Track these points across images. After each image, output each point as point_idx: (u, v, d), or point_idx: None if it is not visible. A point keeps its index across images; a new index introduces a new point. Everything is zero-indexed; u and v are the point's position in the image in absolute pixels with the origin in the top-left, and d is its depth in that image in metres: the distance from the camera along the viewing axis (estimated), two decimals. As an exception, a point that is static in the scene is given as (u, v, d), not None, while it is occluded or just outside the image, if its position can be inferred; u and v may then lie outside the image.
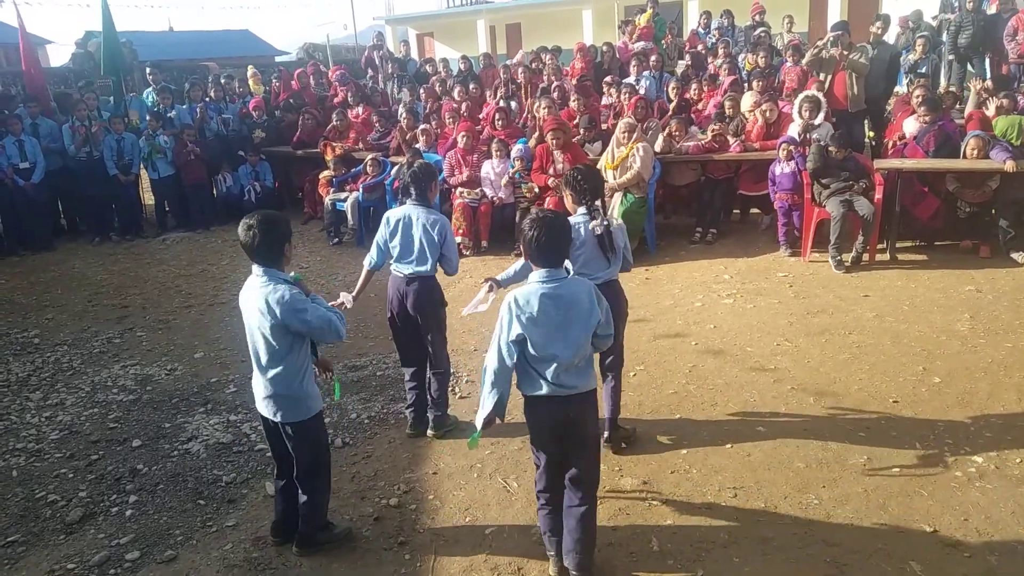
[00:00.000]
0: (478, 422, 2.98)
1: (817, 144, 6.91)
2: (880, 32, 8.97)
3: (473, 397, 4.80)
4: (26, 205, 9.06)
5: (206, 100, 10.83)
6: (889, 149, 7.62)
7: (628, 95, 8.46)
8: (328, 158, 9.34)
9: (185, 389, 5.25)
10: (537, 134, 8.13)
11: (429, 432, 4.36)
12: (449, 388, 4.59)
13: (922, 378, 4.69)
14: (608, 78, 9.65)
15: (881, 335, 5.35)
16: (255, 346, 3.16)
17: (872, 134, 9.16)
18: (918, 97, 7.35)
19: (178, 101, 10.77)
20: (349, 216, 8.76)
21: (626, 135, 7.28)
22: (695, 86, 9.14)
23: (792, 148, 7.18)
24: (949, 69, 10.40)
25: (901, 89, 9.70)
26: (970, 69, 10.10)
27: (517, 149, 7.99)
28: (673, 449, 4.07)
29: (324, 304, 3.17)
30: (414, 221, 4.07)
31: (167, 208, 10.30)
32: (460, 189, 8.14)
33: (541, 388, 2.95)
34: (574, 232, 3.74)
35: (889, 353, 5.06)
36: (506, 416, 3.01)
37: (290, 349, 3.12)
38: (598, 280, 3.76)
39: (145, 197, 10.45)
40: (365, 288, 4.31)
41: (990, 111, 7.39)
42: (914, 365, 4.86)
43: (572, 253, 3.75)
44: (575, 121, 8.28)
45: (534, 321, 2.87)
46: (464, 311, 3.84)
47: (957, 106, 8.29)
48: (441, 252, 4.09)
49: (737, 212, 8.58)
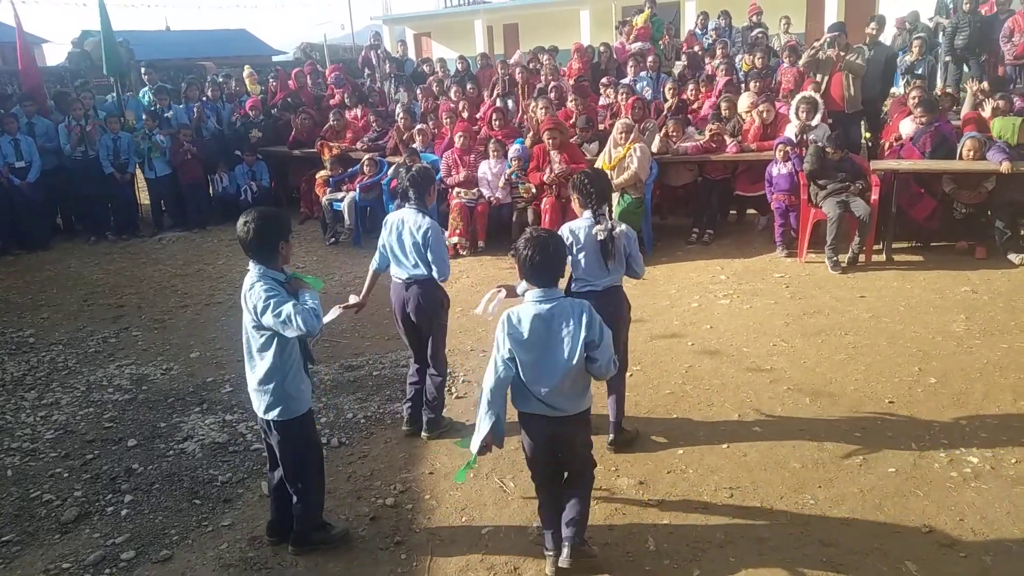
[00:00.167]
0: (473, 447, 2.96)
1: (815, 146, 6.92)
2: (875, 33, 8.98)
3: (469, 397, 4.80)
4: (22, 204, 9.05)
5: (203, 99, 10.82)
6: (885, 150, 7.63)
7: (625, 96, 8.48)
8: (325, 158, 9.33)
9: (181, 389, 5.24)
10: (532, 133, 8.13)
11: (423, 434, 4.36)
12: (446, 390, 4.58)
13: (918, 379, 4.70)
14: (605, 79, 9.66)
15: (877, 336, 5.36)
16: (245, 339, 3.18)
17: (868, 135, 9.16)
18: (914, 98, 7.35)
19: (175, 101, 10.75)
20: (346, 216, 8.75)
21: (623, 136, 7.28)
22: (692, 87, 9.15)
23: (789, 149, 7.19)
24: (945, 70, 10.43)
25: (897, 90, 9.71)
26: (966, 70, 10.13)
27: (514, 149, 7.99)
28: (669, 449, 4.08)
29: (310, 302, 3.02)
30: (406, 225, 4.09)
31: (163, 208, 10.30)
32: (457, 189, 8.13)
33: (533, 406, 2.98)
34: (576, 235, 3.74)
35: (885, 354, 5.07)
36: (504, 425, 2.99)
37: (271, 345, 3.10)
38: (599, 287, 3.77)
39: (141, 197, 10.43)
40: (372, 289, 4.32)
41: (986, 112, 7.41)
42: (910, 366, 4.87)
43: (573, 257, 3.75)
44: (572, 121, 8.28)
45: (524, 343, 2.90)
46: (475, 311, 3.79)
47: (954, 108, 8.30)
48: (427, 256, 4.08)
49: (734, 213, 8.58)
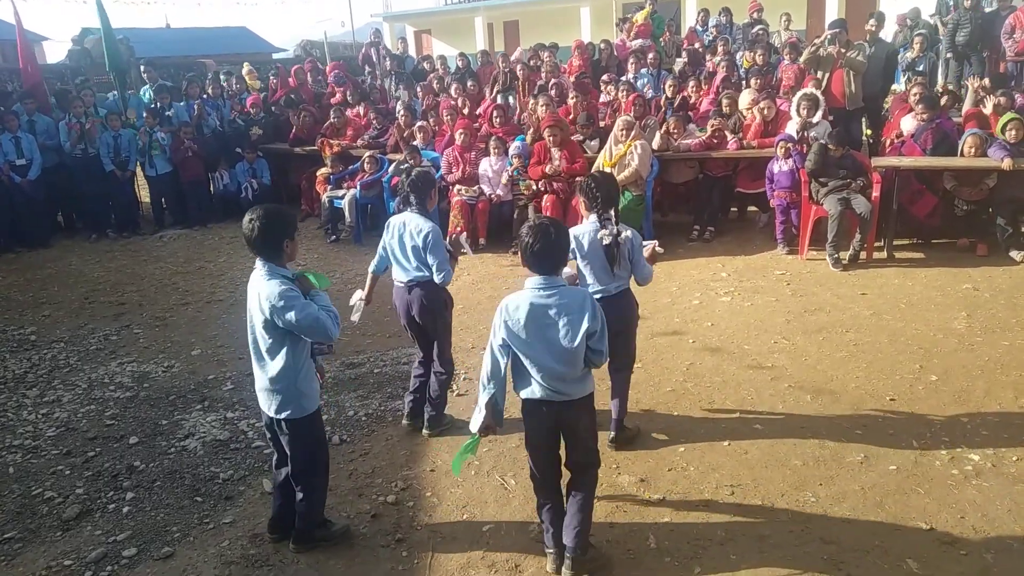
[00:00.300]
0: (473, 426, 2.97)
1: (818, 143, 6.90)
2: (875, 29, 8.96)
3: (470, 394, 4.80)
4: (23, 202, 9.05)
5: (203, 97, 10.81)
6: (887, 147, 7.63)
7: (626, 92, 8.46)
8: (326, 155, 9.32)
9: (182, 386, 5.24)
10: (533, 131, 8.12)
11: (424, 431, 4.37)
12: (448, 388, 4.58)
13: (919, 376, 4.70)
14: (606, 75, 9.64)
15: (878, 333, 5.36)
16: (252, 338, 3.16)
17: (869, 132, 9.14)
18: (915, 95, 7.35)
19: (175, 98, 10.75)
20: (346, 213, 8.75)
21: (624, 132, 7.28)
22: (692, 83, 9.14)
23: (790, 146, 7.19)
24: (946, 67, 10.40)
25: (899, 87, 9.70)
26: (967, 67, 10.09)
27: (515, 147, 7.97)
28: (670, 446, 4.08)
29: (323, 302, 3.11)
30: (407, 228, 4.10)
31: (164, 205, 10.29)
32: (458, 186, 8.13)
33: (535, 392, 2.95)
34: (580, 242, 3.71)
35: (886, 351, 5.07)
36: (504, 415, 3.01)
37: (282, 345, 3.10)
38: (608, 293, 3.75)
39: (142, 194, 10.43)
40: (373, 290, 4.34)
41: (987, 109, 7.40)
42: (911, 363, 4.87)
43: (580, 265, 3.75)
44: (572, 118, 8.27)
45: (519, 330, 2.87)
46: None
47: (955, 105, 8.28)
48: (425, 259, 4.09)
49: (735, 210, 8.57)
